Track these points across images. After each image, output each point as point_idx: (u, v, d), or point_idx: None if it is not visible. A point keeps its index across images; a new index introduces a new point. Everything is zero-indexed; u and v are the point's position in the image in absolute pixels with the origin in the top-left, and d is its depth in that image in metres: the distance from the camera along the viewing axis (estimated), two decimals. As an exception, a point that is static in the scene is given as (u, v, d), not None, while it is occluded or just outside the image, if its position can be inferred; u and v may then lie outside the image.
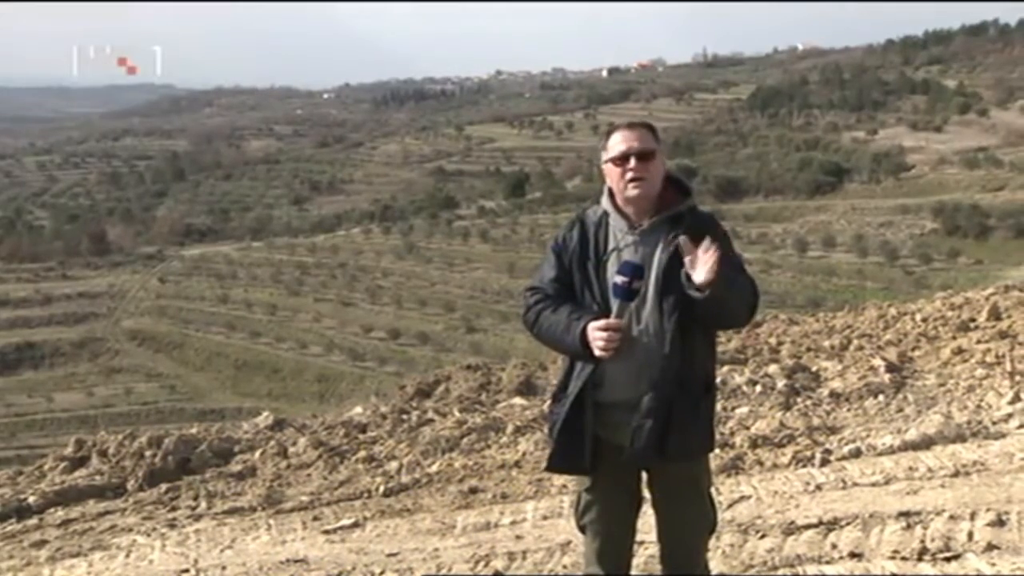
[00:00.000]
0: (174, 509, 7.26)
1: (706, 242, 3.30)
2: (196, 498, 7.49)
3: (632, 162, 3.44)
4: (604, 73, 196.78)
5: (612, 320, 3.34)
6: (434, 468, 7.87)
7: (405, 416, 9.98)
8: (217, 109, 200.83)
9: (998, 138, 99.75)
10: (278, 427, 9.78)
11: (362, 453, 8.51)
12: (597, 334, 3.34)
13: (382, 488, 7.39)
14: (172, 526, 6.78)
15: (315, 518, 6.78)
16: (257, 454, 8.66)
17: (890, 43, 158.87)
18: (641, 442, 3.39)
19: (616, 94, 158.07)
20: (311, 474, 8.06)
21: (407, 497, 7.19)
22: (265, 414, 10.56)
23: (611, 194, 3.54)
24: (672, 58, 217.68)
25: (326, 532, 6.38)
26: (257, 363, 75.13)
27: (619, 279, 3.36)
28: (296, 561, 5.70)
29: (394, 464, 8.10)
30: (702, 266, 3.27)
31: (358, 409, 10.90)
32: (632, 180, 3.43)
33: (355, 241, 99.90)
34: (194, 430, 9.64)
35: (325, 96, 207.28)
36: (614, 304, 3.38)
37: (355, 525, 6.48)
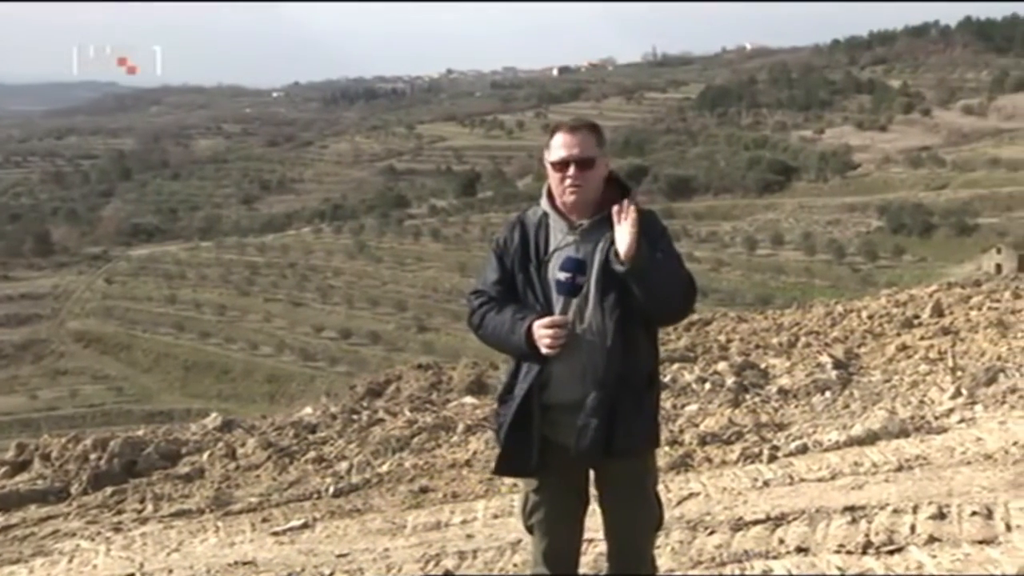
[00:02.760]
0: (119, 513, 7.16)
1: (623, 211, 3.29)
2: (142, 501, 7.39)
3: (571, 169, 3.42)
4: (555, 72, 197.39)
5: (557, 317, 3.34)
6: (384, 468, 7.84)
7: (355, 416, 9.93)
8: (164, 108, 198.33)
9: (940, 137, 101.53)
10: (227, 428, 9.68)
11: (312, 454, 8.45)
12: (542, 332, 3.33)
13: (332, 489, 7.34)
14: (117, 530, 6.68)
15: (264, 519, 6.71)
16: (205, 456, 8.57)
17: (836, 43, 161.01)
18: (587, 441, 3.38)
19: (567, 93, 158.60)
20: (260, 475, 7.99)
21: (357, 497, 7.15)
22: (213, 415, 10.45)
23: (550, 194, 3.53)
24: (622, 57, 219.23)
25: (275, 534, 6.32)
26: (206, 364, 74.34)
27: (562, 275, 3.36)
28: (244, 563, 5.64)
29: (344, 464, 8.05)
30: (621, 235, 3.28)
31: (308, 409, 10.82)
32: (570, 187, 3.42)
33: (305, 241, 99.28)
34: (141, 432, 9.51)
35: (274, 95, 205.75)
36: (558, 301, 3.37)
37: (304, 526, 6.43)
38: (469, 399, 10.77)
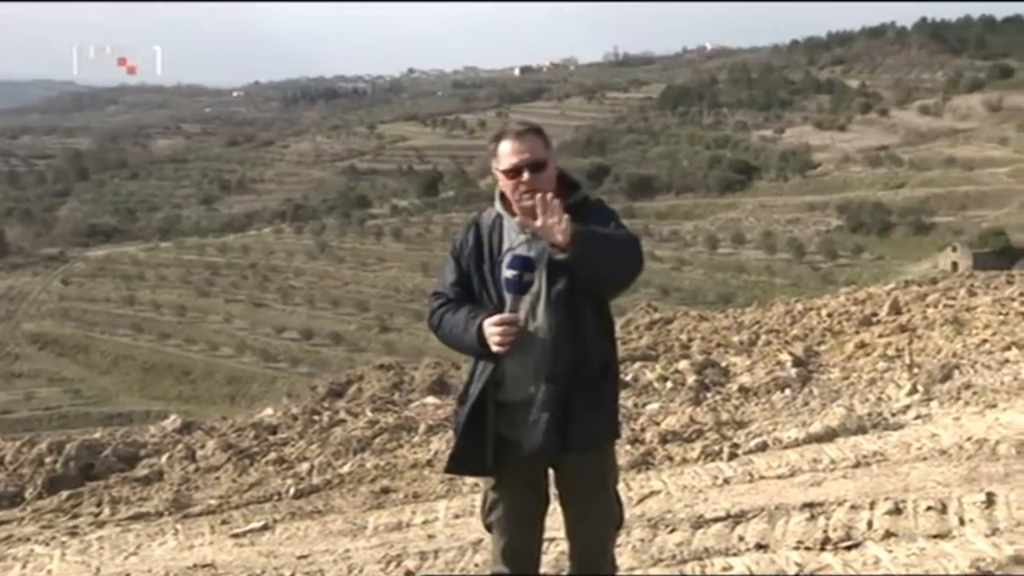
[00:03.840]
0: (75, 517, 7.05)
1: (541, 206, 3.26)
2: (99, 505, 7.29)
3: (525, 175, 3.42)
4: (516, 72, 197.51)
5: (506, 315, 3.35)
6: (346, 469, 7.80)
7: (316, 417, 9.87)
8: (122, 107, 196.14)
9: (898, 137, 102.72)
10: (186, 430, 9.58)
11: (272, 455, 8.38)
12: (492, 329, 3.34)
13: (292, 490, 7.29)
14: (73, 534, 6.59)
15: (224, 522, 6.65)
16: (164, 458, 8.47)
17: (795, 43, 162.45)
18: (539, 435, 3.38)
19: (528, 93, 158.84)
20: (220, 477, 7.92)
21: (318, 498, 7.11)
22: (173, 417, 10.34)
23: (504, 196, 3.53)
24: (584, 57, 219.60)
25: (235, 536, 6.26)
26: (166, 365, 73.70)
27: (509, 273, 3.37)
28: (204, 566, 5.59)
29: (305, 465, 8.00)
30: (549, 230, 3.25)
31: (269, 410, 10.74)
32: (525, 192, 3.41)
33: (266, 241, 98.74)
34: (98, 435, 9.39)
35: (235, 94, 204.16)
36: (508, 299, 3.38)
37: (265, 528, 6.38)
38: (431, 399, 10.74)
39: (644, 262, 3.46)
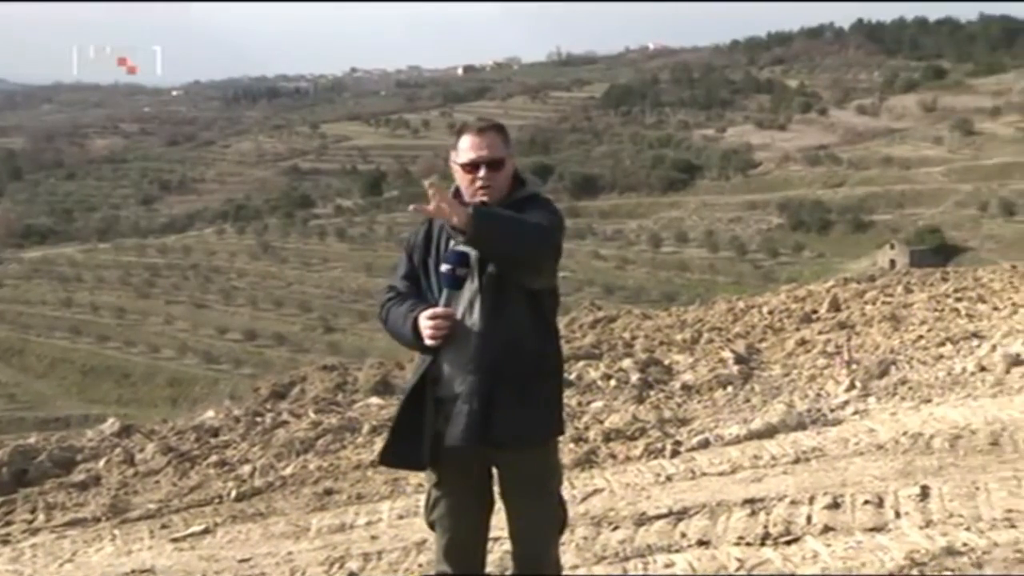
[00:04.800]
0: (8, 524, 6.90)
1: (430, 191, 3.29)
2: (33, 511, 7.14)
3: (482, 171, 3.44)
4: (459, 71, 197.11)
5: (439, 309, 3.38)
6: (288, 471, 7.74)
7: (259, 419, 9.78)
8: (57, 106, 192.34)
9: (837, 136, 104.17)
10: (125, 434, 9.43)
11: (214, 458, 8.29)
12: (425, 323, 3.38)
13: (234, 493, 7.21)
14: (5, 542, 6.45)
15: (163, 526, 6.56)
16: (102, 462, 8.34)
17: (735, 43, 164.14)
18: (458, 429, 3.37)
19: (472, 92, 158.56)
20: (159, 481, 7.81)
21: (260, 501, 7.04)
22: (111, 420, 10.18)
23: (458, 194, 3.53)
24: (527, 56, 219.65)
25: (175, 540, 6.18)
26: (105, 368, 72.47)
27: (444, 267, 3.41)
28: (143, 571, 5.52)
29: (247, 468, 7.92)
30: (440, 214, 3.29)
31: (210, 413, 10.61)
32: (481, 188, 3.44)
33: (208, 241, 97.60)
34: (32, 440, 9.20)
35: (174, 93, 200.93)
36: (443, 294, 3.42)
37: (205, 532, 6.31)
38: (375, 399, 10.70)
39: (553, 243, 3.42)
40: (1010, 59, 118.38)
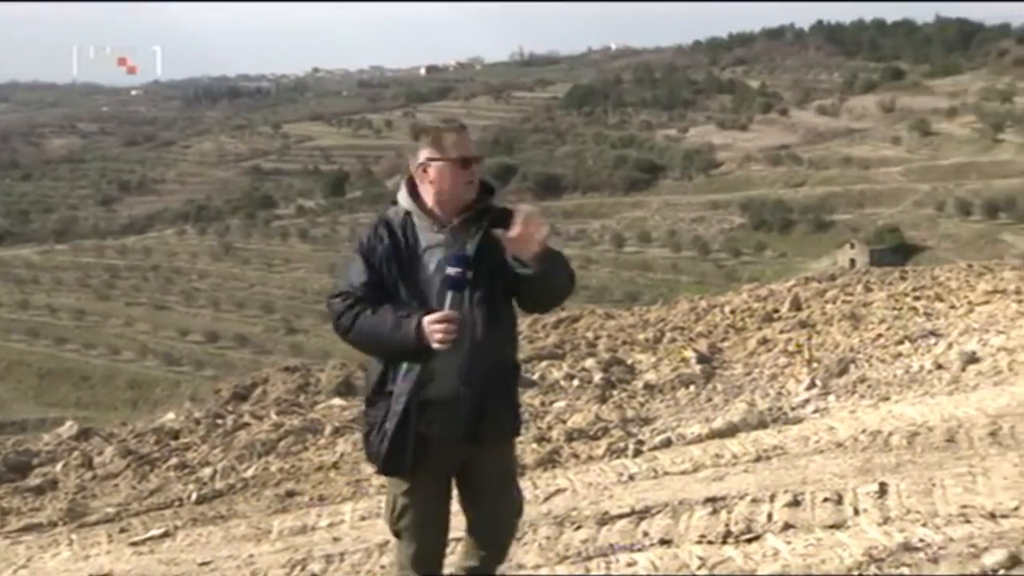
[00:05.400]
0: (-36, 529, 6.81)
1: (523, 216, 3.40)
2: (-12, 517, 7.05)
3: (472, 166, 3.51)
4: (422, 71, 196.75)
5: (447, 312, 3.36)
6: (249, 473, 7.68)
7: (220, 421, 9.70)
8: (12, 105, 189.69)
9: (798, 136, 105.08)
10: (83, 437, 9.32)
11: (174, 460, 8.21)
12: (434, 327, 3.34)
13: (195, 495, 7.15)
14: (-40, 549, 6.36)
15: (122, 530, 6.48)
16: (59, 466, 8.23)
17: (697, 44, 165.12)
18: (459, 431, 3.45)
19: (434, 92, 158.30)
20: (118, 484, 7.72)
21: (221, 504, 6.98)
22: (69, 424, 10.06)
23: (414, 194, 3.54)
24: (490, 56, 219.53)
25: (134, 544, 6.11)
26: (63, 371, 71.60)
27: (452, 270, 3.39)
28: (101, 576, 5.46)
29: (208, 470, 7.85)
30: (526, 240, 3.39)
31: (170, 415, 10.51)
32: (470, 183, 3.50)
33: (169, 243, 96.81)
34: (-12, 444, 9.09)
35: (133, 93, 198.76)
36: (447, 296, 3.39)
37: (165, 535, 6.25)
38: (337, 401, 10.64)
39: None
40: (965, 61, 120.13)
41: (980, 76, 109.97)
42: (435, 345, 3.34)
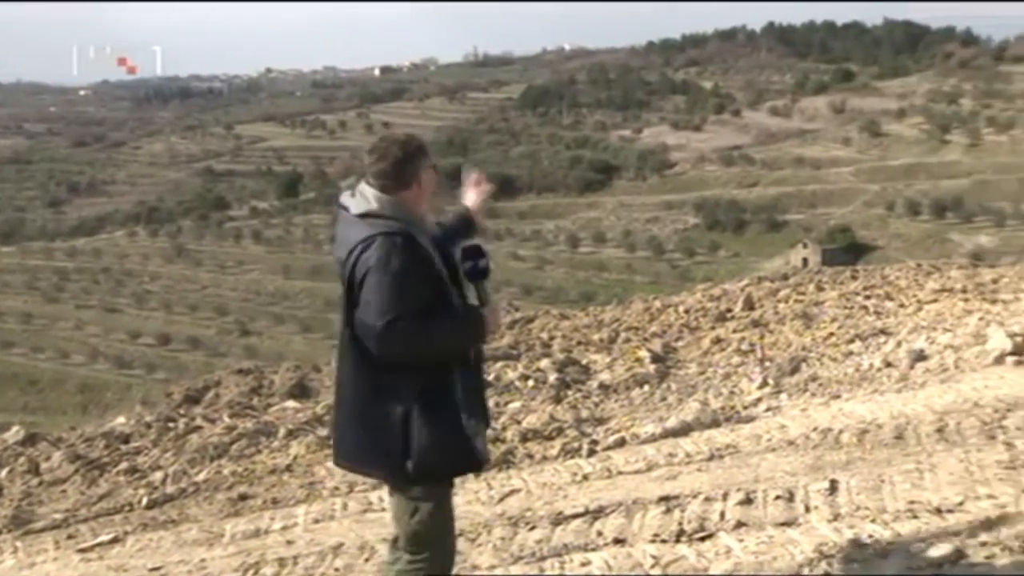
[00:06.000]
0: (-94, 538, 6.66)
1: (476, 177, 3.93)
2: (-68, 524, 6.90)
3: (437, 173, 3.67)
4: (376, 72, 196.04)
5: (493, 301, 3.63)
6: (201, 476, 7.60)
7: (172, 424, 9.60)
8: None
9: (750, 137, 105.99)
10: (30, 442, 9.19)
11: (124, 465, 8.11)
12: (492, 317, 3.58)
13: (145, 500, 7.05)
14: (-97, 557, 6.23)
15: (69, 536, 6.38)
16: (4, 472, 8.10)
17: (651, 45, 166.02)
18: (488, 416, 3.79)
19: (388, 93, 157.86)
20: (66, 490, 7.61)
21: (172, 508, 6.90)
22: (15, 429, 9.89)
23: (408, 207, 3.54)
24: (444, 57, 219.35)
25: (82, 550, 6.01)
26: (10, 375, 70.41)
27: (484, 262, 3.58)
28: (47, 584, 5.37)
29: (159, 474, 7.76)
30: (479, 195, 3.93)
31: (121, 419, 10.38)
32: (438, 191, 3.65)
33: (119, 244, 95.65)
34: (-70, 450, 8.91)
35: (81, 93, 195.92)
36: (482, 287, 3.59)
37: (115, 541, 6.15)
38: (291, 403, 10.57)
39: None
40: (913, 63, 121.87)
41: (927, 78, 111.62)
42: (493, 337, 3.59)
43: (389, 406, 3.43)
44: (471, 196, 3.91)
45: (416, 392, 3.43)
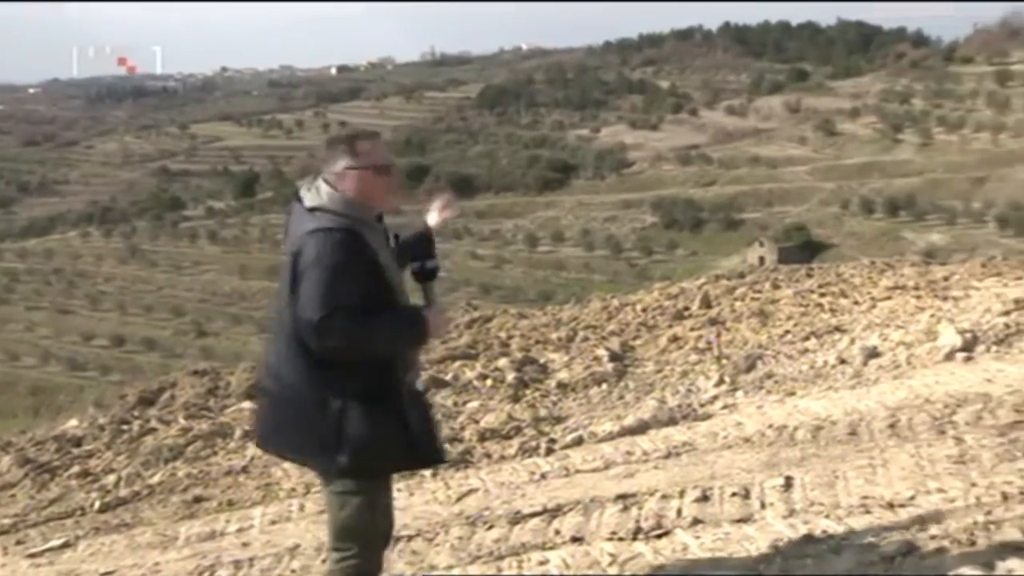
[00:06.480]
0: None
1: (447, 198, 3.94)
2: None
3: (393, 172, 3.62)
4: (333, 71, 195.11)
5: (440, 303, 3.67)
6: (156, 479, 7.52)
7: (126, 426, 9.50)
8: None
9: (707, 136, 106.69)
10: (-21, 446, 9.05)
11: (76, 468, 8.01)
12: (440, 319, 3.59)
13: (97, 504, 6.97)
14: None
15: (18, 542, 6.28)
16: (-48, 478, 7.97)
17: (608, 44, 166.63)
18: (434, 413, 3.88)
19: (346, 92, 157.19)
20: (16, 495, 7.50)
21: (125, 511, 6.82)
22: (-35, 433, 9.74)
23: (355, 201, 3.53)
24: (401, 56, 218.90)
25: (31, 556, 5.92)
26: (-41, 378, 69.25)
27: (432, 263, 3.66)
28: (-5, 590, 5.29)
29: (112, 477, 7.67)
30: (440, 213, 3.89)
31: (73, 422, 10.26)
32: (393, 190, 3.61)
33: (72, 245, 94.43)
34: None
35: (31, 91, 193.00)
36: (430, 288, 3.63)
37: (66, 545, 6.07)
38: (248, 404, 10.48)
39: None
40: (866, 63, 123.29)
41: (880, 78, 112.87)
42: (439, 337, 3.58)
43: (327, 399, 3.44)
44: (434, 217, 3.89)
45: (357, 387, 3.44)
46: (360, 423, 3.42)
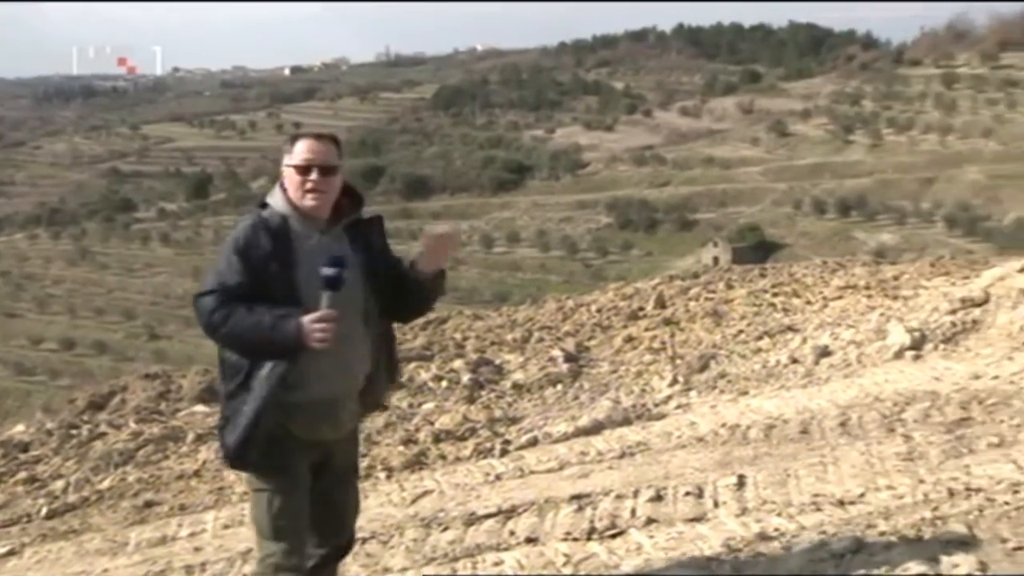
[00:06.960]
0: None
1: (443, 236, 3.79)
2: None
3: (314, 174, 3.53)
4: (287, 72, 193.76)
5: (325, 312, 3.39)
6: (105, 484, 7.42)
7: (74, 431, 9.37)
8: None
9: (661, 137, 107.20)
10: (-77, 453, 8.86)
11: (22, 474, 7.89)
12: (315, 327, 3.36)
13: (45, 510, 6.87)
14: None
15: (-36, 551, 6.17)
16: None
17: (563, 45, 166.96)
18: (344, 421, 3.65)
19: (299, 93, 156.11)
20: (-39, 503, 7.36)
21: (74, 517, 6.73)
22: (-92, 440, 9.54)
23: (284, 196, 3.60)
24: (355, 57, 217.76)
25: (-23, 564, 5.84)
26: (-97, 384, 67.90)
27: (328, 271, 3.41)
28: (-61, 600, 5.19)
29: (60, 483, 7.56)
30: (438, 254, 3.72)
31: (20, 427, 10.10)
32: (311, 191, 3.53)
33: (19, 247, 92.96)
34: None
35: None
36: (323, 297, 3.41)
37: (11, 553, 5.97)
38: (200, 407, 10.40)
39: None
40: (817, 64, 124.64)
41: (830, 79, 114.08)
42: (314, 345, 3.37)
43: (223, 385, 3.55)
44: (429, 260, 3.73)
45: (242, 376, 3.46)
46: (234, 414, 3.48)
